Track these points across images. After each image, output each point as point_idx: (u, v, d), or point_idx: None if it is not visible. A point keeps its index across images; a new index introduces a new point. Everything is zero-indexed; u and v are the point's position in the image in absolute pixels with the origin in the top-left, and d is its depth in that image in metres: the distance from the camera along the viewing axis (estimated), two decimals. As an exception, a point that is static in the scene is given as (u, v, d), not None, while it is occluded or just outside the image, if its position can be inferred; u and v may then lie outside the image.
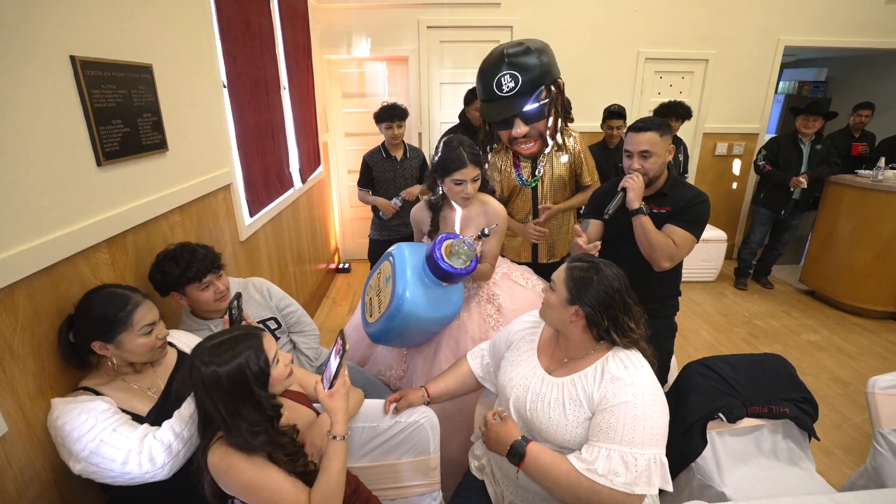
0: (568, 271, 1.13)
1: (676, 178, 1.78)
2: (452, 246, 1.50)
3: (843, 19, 4.11)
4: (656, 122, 1.67)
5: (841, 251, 3.59)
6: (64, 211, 1.13)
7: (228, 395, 0.94)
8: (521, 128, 1.99)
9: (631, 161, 1.70)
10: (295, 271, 3.13)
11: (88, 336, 1.06)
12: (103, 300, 1.08)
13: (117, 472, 0.97)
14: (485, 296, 1.76)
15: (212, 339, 0.99)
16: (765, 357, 1.65)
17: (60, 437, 0.98)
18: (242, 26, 2.21)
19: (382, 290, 1.60)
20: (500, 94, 1.95)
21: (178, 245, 1.42)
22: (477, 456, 1.41)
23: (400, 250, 1.60)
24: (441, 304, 1.55)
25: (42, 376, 1.07)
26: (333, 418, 1.03)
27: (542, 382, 1.17)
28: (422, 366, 1.70)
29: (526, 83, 1.93)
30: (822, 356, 3.01)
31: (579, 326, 1.12)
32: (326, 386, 1.05)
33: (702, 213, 1.68)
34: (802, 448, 1.55)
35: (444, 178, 1.63)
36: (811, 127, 3.56)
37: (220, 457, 0.96)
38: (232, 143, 2.13)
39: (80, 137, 1.19)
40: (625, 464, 0.99)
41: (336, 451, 1.01)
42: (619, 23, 4.00)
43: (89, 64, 1.21)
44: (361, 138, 4.31)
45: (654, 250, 1.64)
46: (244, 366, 0.95)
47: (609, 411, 1.03)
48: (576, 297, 1.09)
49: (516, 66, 1.93)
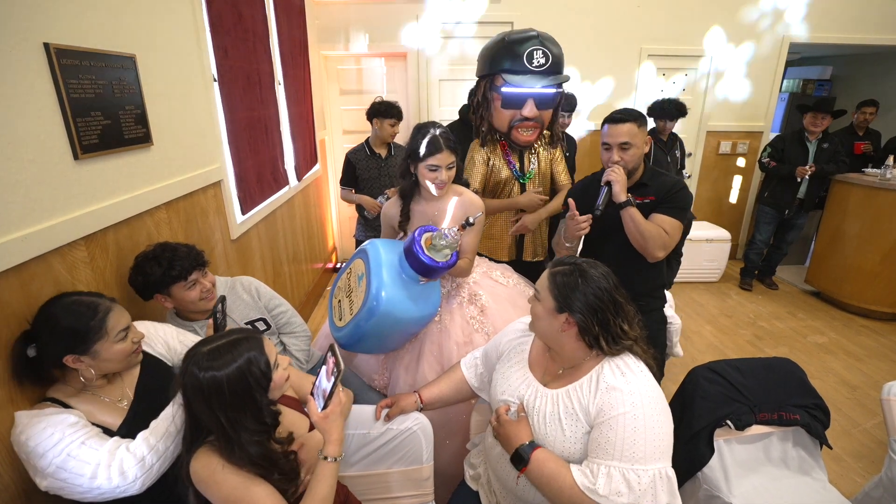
0: (551, 278, 1.06)
1: (652, 168, 1.76)
2: (433, 238, 1.41)
3: (850, 16, 4.04)
4: (634, 113, 1.66)
5: (847, 251, 3.52)
6: (36, 206, 1.07)
7: (230, 402, 0.88)
8: (532, 109, 1.95)
9: (610, 153, 1.67)
10: (290, 271, 3.07)
11: (58, 351, 0.98)
12: (69, 311, 0.99)
13: (86, 488, 0.91)
14: (466, 296, 1.68)
15: (208, 343, 0.92)
16: (774, 361, 1.58)
17: (24, 452, 0.91)
18: (234, 19, 2.15)
19: (354, 290, 1.48)
20: (529, 66, 1.92)
21: (157, 245, 1.35)
22: (473, 465, 1.35)
23: (373, 246, 1.49)
24: (419, 302, 1.45)
25: (11, 382, 1.00)
26: (327, 438, 0.97)
27: (535, 395, 1.11)
28: (404, 376, 1.61)
29: (555, 63, 1.94)
30: (829, 359, 2.94)
31: (572, 336, 1.04)
32: (320, 405, 0.99)
33: (685, 198, 1.70)
34: (814, 457, 1.48)
35: (418, 164, 1.54)
36: (819, 125, 3.49)
37: (203, 464, 0.90)
38: (223, 139, 2.07)
39: (55, 129, 1.13)
40: (627, 482, 0.92)
41: (325, 474, 0.95)
42: (620, 18, 3.94)
43: (65, 52, 1.15)
44: (359, 136, 4.22)
45: (647, 241, 1.61)
46: (245, 370, 0.89)
47: (607, 425, 0.96)
48: (563, 305, 1.02)
49: (548, 45, 1.94)
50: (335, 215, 4.51)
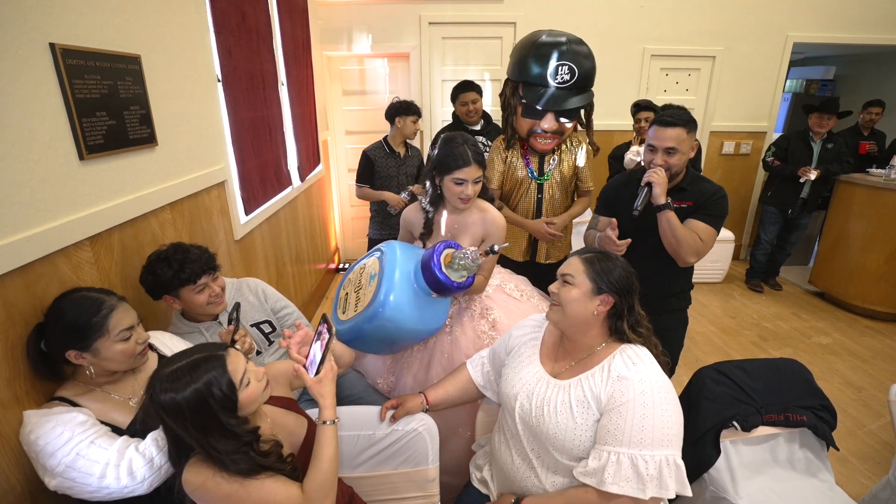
0: (586, 263, 1.10)
1: (695, 173, 1.73)
2: (454, 257, 1.35)
3: (854, 15, 4.03)
4: (684, 117, 1.62)
5: (852, 252, 3.50)
6: (42, 206, 1.07)
7: (193, 424, 0.85)
8: (552, 122, 1.92)
9: (654, 155, 1.64)
10: (293, 271, 3.07)
11: (61, 345, 0.99)
12: (74, 305, 1.00)
13: (94, 487, 0.91)
14: (478, 310, 1.64)
15: (171, 364, 0.88)
16: (780, 362, 1.57)
17: (34, 452, 0.91)
18: (238, 19, 2.15)
19: (364, 286, 1.44)
20: (552, 82, 1.88)
21: (171, 245, 1.35)
22: (479, 466, 1.34)
23: (392, 249, 1.45)
24: (425, 316, 1.40)
25: (16, 381, 1.00)
26: (322, 403, 0.98)
27: (547, 386, 1.12)
28: (411, 384, 1.58)
29: (581, 79, 1.87)
30: (834, 360, 2.93)
31: (601, 318, 1.09)
32: (313, 372, 0.99)
33: (723, 207, 1.66)
34: (820, 458, 1.47)
35: (444, 177, 1.51)
36: (825, 126, 3.48)
37: (195, 472, 0.88)
38: (226, 139, 2.07)
39: (60, 130, 1.13)
40: (634, 467, 0.94)
41: (327, 437, 0.96)
42: (624, 19, 3.93)
43: (71, 52, 1.15)
44: (362, 136, 4.24)
45: (681, 246, 1.60)
46: (205, 393, 0.84)
47: (616, 411, 0.98)
48: (601, 286, 1.07)
49: (576, 59, 1.86)
50: (338, 216, 4.51)
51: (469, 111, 2.91)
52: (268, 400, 1.08)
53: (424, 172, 1.62)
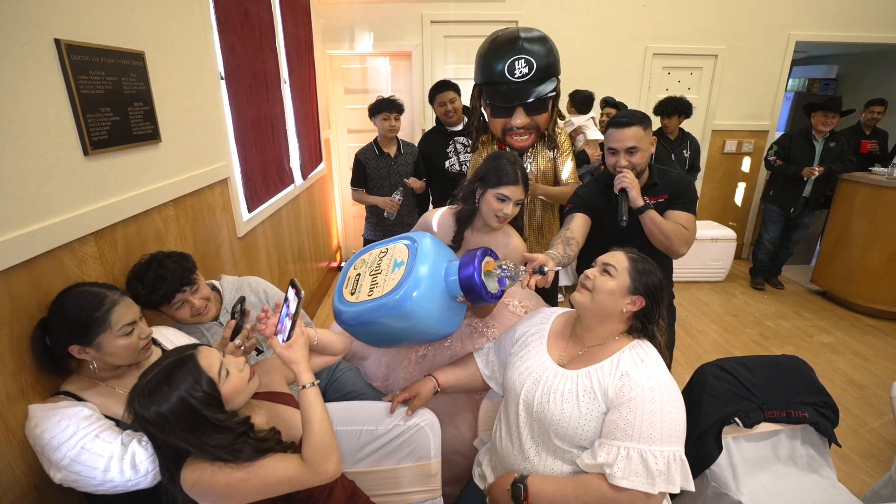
0: (632, 262, 1.12)
1: (657, 166, 1.75)
2: (496, 266, 1.24)
3: (856, 14, 4.02)
4: (638, 115, 1.64)
5: (854, 251, 3.50)
6: (47, 201, 1.07)
7: (183, 428, 0.84)
8: (523, 118, 1.91)
9: (616, 158, 1.65)
10: (295, 269, 3.08)
11: (64, 340, 1.00)
12: (76, 300, 1.00)
13: (99, 480, 0.91)
14: (479, 328, 1.60)
15: (145, 378, 0.86)
16: (783, 359, 1.57)
17: (39, 445, 0.92)
18: (241, 16, 2.16)
19: (384, 272, 1.31)
20: (511, 78, 1.87)
21: (148, 258, 1.30)
22: (479, 462, 1.34)
23: (425, 241, 1.32)
24: (443, 319, 1.30)
25: (22, 375, 1.01)
26: (296, 369, 0.95)
27: (554, 375, 1.13)
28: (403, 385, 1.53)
29: (540, 70, 1.86)
30: (836, 358, 2.92)
31: (625, 317, 1.11)
32: (283, 339, 0.96)
33: (694, 192, 1.74)
34: (822, 455, 1.48)
35: (488, 189, 1.46)
36: (828, 124, 3.48)
37: (191, 469, 0.87)
38: (229, 137, 2.07)
39: (65, 125, 1.14)
40: (644, 462, 0.95)
41: (310, 400, 0.93)
42: (626, 17, 3.93)
43: (76, 48, 1.16)
44: (364, 135, 4.24)
45: (672, 240, 1.61)
46: (187, 398, 0.84)
47: (625, 406, 1.00)
48: (638, 287, 1.09)
49: (531, 52, 1.85)
50: (340, 214, 4.51)
51: (448, 111, 2.80)
52: (264, 396, 1.09)
53: (466, 184, 1.56)
